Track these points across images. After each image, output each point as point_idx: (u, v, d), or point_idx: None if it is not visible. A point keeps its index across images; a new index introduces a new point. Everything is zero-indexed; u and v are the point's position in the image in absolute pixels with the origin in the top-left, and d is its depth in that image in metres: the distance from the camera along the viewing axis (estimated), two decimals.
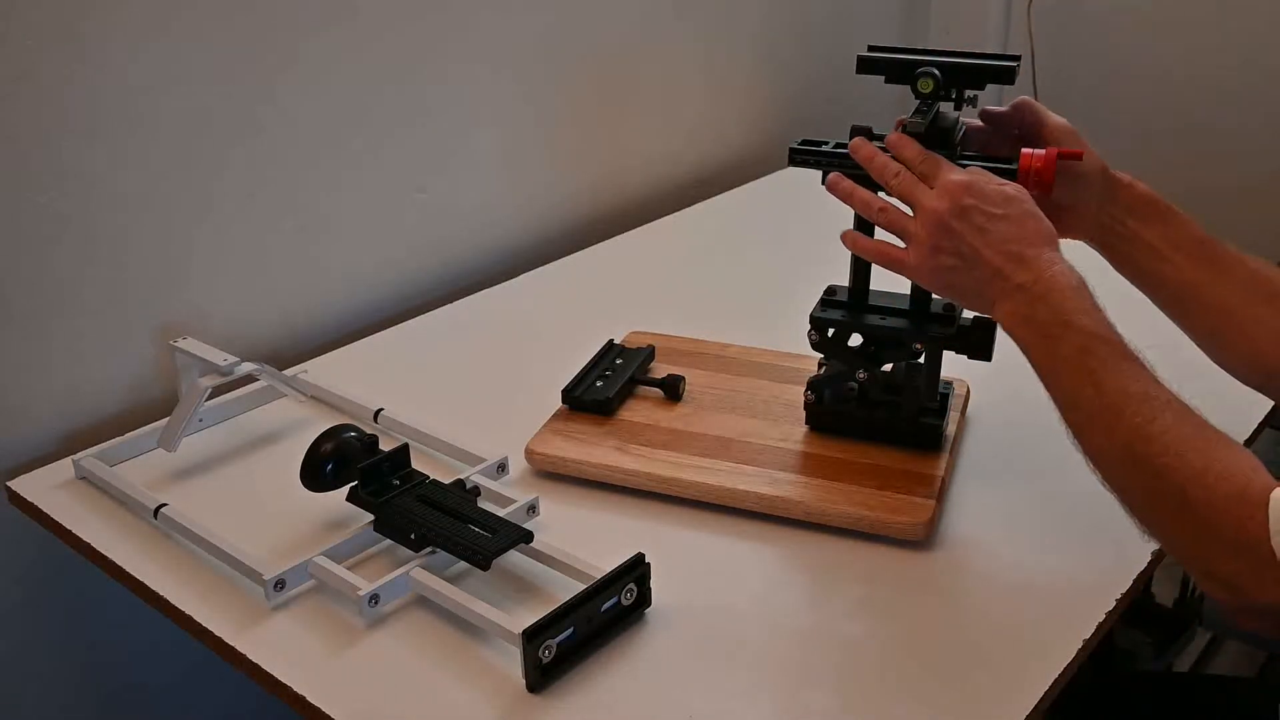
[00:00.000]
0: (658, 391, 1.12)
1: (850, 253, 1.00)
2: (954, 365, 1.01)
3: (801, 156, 0.98)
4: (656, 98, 1.71)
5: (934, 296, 1.00)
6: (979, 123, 0.97)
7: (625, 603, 0.84)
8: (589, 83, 1.59)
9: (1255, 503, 0.66)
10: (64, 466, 1.06)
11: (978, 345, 0.98)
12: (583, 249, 1.56)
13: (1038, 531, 0.95)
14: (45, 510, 1.01)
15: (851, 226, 0.98)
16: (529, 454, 1.03)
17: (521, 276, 1.47)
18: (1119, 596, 0.87)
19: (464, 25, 1.38)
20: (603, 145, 1.65)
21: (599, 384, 1.11)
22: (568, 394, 1.09)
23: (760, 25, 1.87)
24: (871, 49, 0.97)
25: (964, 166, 0.91)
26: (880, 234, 0.92)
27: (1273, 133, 1.99)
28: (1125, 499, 0.76)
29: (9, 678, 1.14)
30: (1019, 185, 0.85)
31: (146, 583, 0.91)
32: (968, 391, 1.11)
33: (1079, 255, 0.88)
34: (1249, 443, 1.08)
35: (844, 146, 0.97)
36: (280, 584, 0.87)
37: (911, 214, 0.87)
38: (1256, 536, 0.64)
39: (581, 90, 1.58)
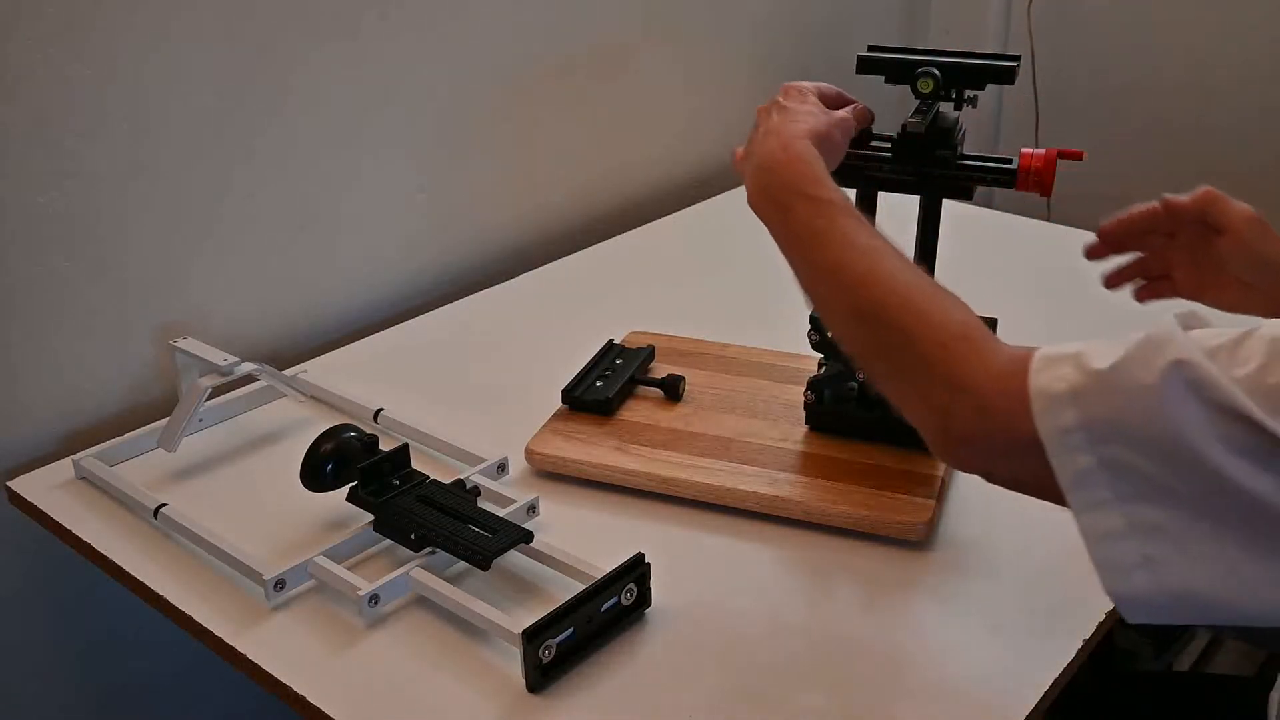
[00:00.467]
0: (658, 391, 1.12)
1: None
2: None
3: None
4: (657, 97, 1.71)
5: None
6: (1155, 206, 0.96)
7: (625, 603, 0.84)
8: (589, 82, 1.59)
9: (977, 340, 0.67)
10: (64, 466, 1.06)
11: None
12: (583, 249, 1.56)
13: (1037, 531, 0.95)
14: (45, 510, 1.01)
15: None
16: (529, 454, 1.03)
17: (521, 276, 1.47)
18: None
19: (464, 23, 1.38)
20: (602, 145, 1.65)
21: (599, 384, 1.11)
22: (568, 394, 1.09)
23: (760, 25, 1.87)
24: (871, 49, 0.97)
25: (956, 170, 0.92)
26: None
27: (1272, 132, 1.99)
28: (854, 349, 0.76)
29: (9, 677, 1.14)
30: (841, 116, 0.89)
31: (146, 583, 0.91)
32: None
33: None
34: None
35: None
36: (280, 584, 0.87)
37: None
38: (974, 370, 0.66)
39: (582, 89, 1.58)
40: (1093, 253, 1.00)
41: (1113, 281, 1.01)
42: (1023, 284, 1.44)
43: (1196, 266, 0.95)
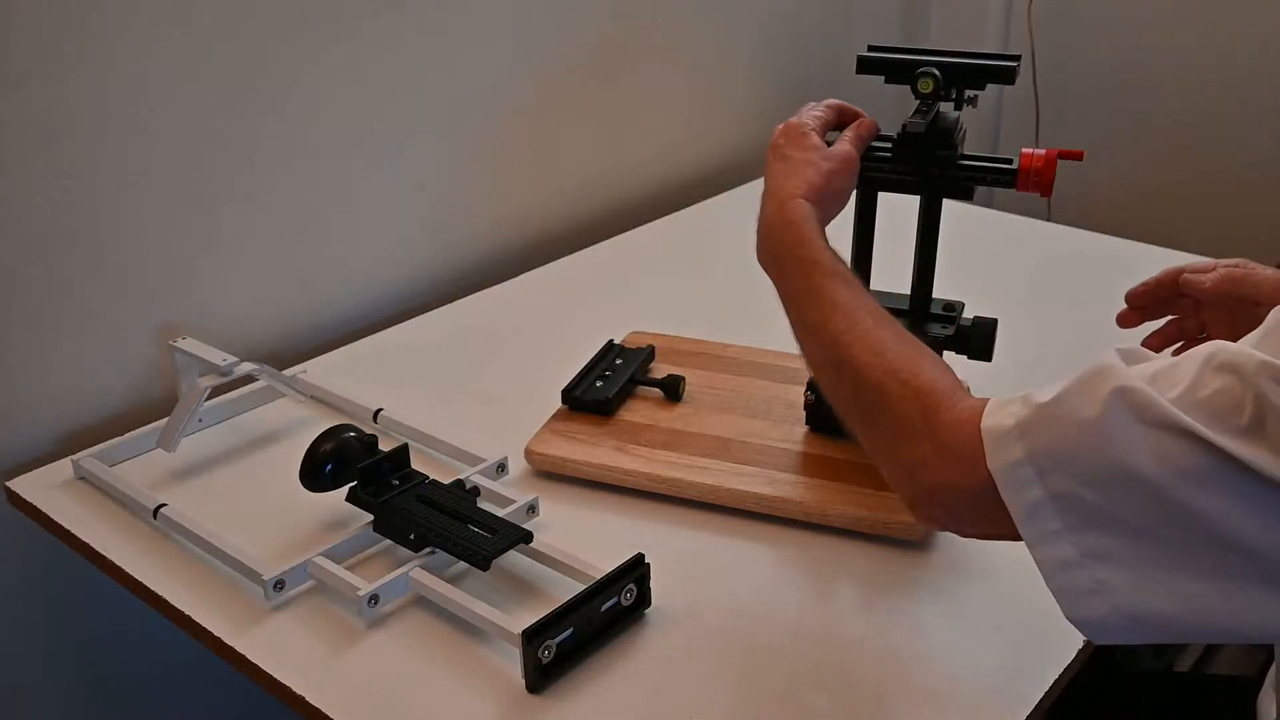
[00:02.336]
0: (658, 391, 1.12)
1: (850, 252, 1.01)
2: (954, 365, 1.01)
3: None
4: (657, 98, 1.71)
5: (934, 296, 1.00)
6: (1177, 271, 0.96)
7: (625, 603, 0.84)
8: (589, 82, 1.59)
9: (942, 393, 0.69)
10: (63, 466, 1.06)
11: (978, 345, 0.98)
12: (583, 249, 1.56)
13: None
14: (45, 510, 1.01)
15: (851, 242, 0.99)
16: (529, 454, 1.03)
17: (521, 276, 1.47)
18: None
19: (464, 24, 1.38)
20: (603, 145, 1.65)
21: (599, 384, 1.11)
22: (568, 394, 1.09)
23: (760, 25, 1.87)
24: (871, 49, 0.97)
25: (956, 170, 0.92)
26: None
27: (1273, 132, 1.99)
28: (836, 404, 0.79)
29: (8, 677, 1.14)
30: (845, 151, 0.90)
31: (146, 583, 0.91)
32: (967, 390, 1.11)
33: None
34: None
35: None
36: (280, 584, 0.87)
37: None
38: (938, 422, 0.67)
39: (582, 90, 1.58)
40: (1125, 320, 1.00)
41: (1153, 345, 0.99)
42: (1023, 284, 1.44)
43: (1234, 327, 0.93)
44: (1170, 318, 0.98)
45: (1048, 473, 0.61)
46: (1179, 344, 0.98)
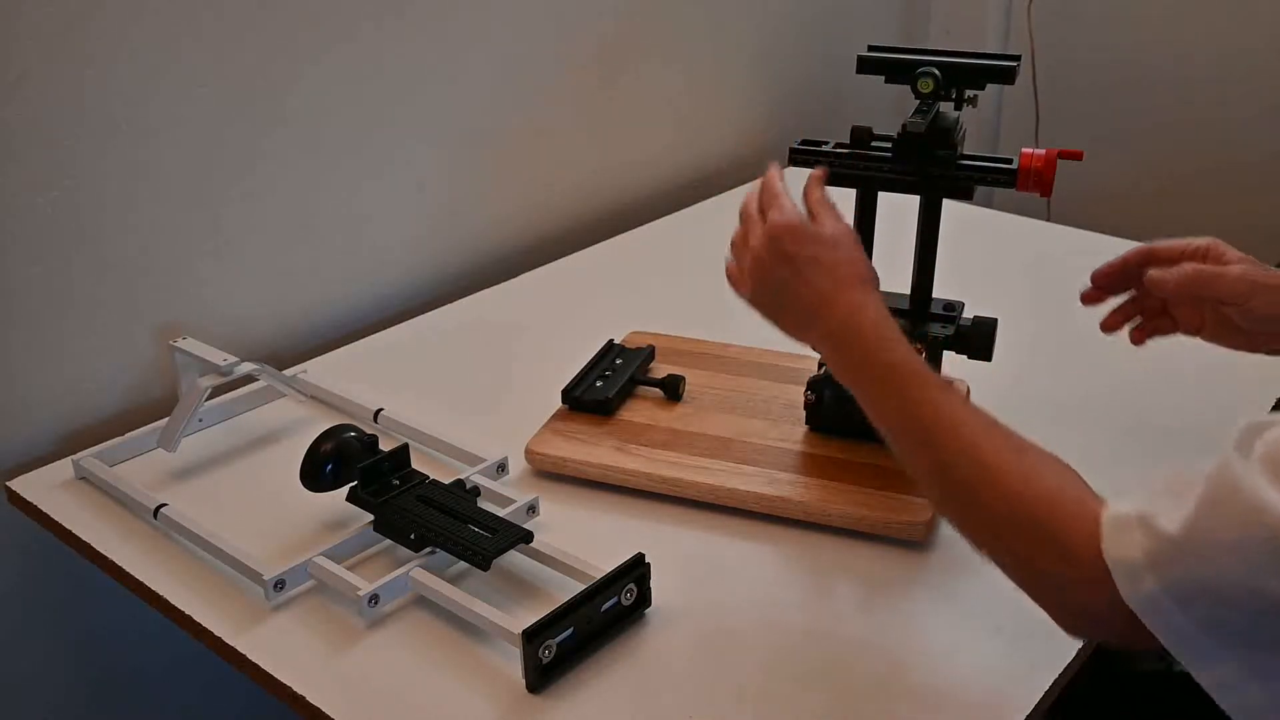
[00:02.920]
0: (658, 391, 1.12)
1: None
2: (954, 365, 1.01)
3: (801, 156, 0.98)
4: (656, 98, 1.71)
5: (934, 296, 1.00)
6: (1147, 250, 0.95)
7: (625, 603, 0.84)
8: (589, 82, 1.59)
9: (1069, 509, 0.66)
10: (64, 466, 1.06)
11: (978, 345, 0.98)
12: (583, 249, 1.56)
13: None
14: (45, 510, 1.01)
15: (852, 224, 0.98)
16: (529, 454, 1.03)
17: (521, 276, 1.47)
18: None
19: (463, 24, 1.38)
20: (603, 145, 1.65)
21: (599, 384, 1.11)
22: (568, 394, 1.09)
23: (760, 25, 1.87)
24: (871, 49, 0.97)
25: (956, 170, 0.91)
26: None
27: (1272, 131, 1.99)
28: (951, 515, 0.75)
29: (8, 677, 1.14)
30: (843, 228, 0.86)
31: (146, 583, 0.91)
32: (968, 391, 1.11)
33: None
34: None
35: (844, 146, 0.97)
36: (280, 584, 0.87)
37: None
38: (1080, 541, 0.65)
39: (581, 90, 1.58)
40: (1089, 299, 0.99)
41: (1110, 324, 1.00)
42: (1023, 284, 1.44)
43: (1196, 306, 0.93)
44: (1131, 294, 0.98)
45: (1191, 602, 0.59)
46: (1139, 321, 0.98)
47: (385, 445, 0.96)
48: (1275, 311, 0.90)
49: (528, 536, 0.88)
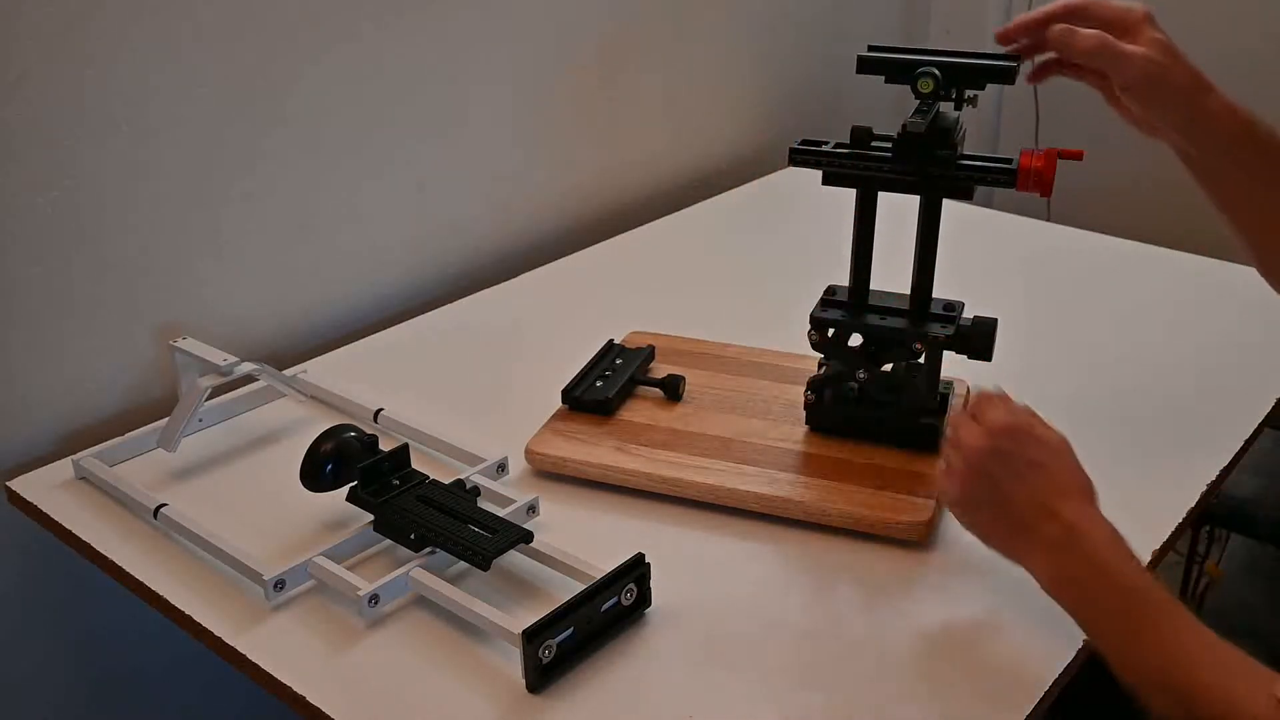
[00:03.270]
0: (658, 391, 1.12)
1: (850, 252, 1.01)
2: (954, 365, 1.01)
3: (801, 156, 0.98)
4: (656, 98, 1.71)
5: (934, 296, 1.00)
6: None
7: (625, 603, 0.84)
8: (589, 82, 1.59)
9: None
10: (64, 466, 1.06)
11: (978, 345, 0.98)
12: (583, 249, 1.56)
13: None
14: (45, 510, 1.01)
15: (851, 242, 0.98)
16: (529, 454, 1.03)
17: (521, 276, 1.47)
18: None
19: (464, 25, 1.38)
20: (603, 145, 1.65)
21: (599, 384, 1.11)
22: (568, 394, 1.09)
23: (760, 25, 1.87)
24: (871, 49, 0.97)
25: (956, 170, 0.91)
26: None
27: None
28: None
29: (8, 676, 1.14)
30: (1061, 435, 0.82)
31: (146, 583, 0.91)
32: (968, 391, 1.11)
33: None
34: (1249, 443, 1.08)
35: (844, 146, 0.97)
36: (280, 584, 0.87)
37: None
38: None
39: (581, 90, 1.58)
40: (1001, 35, 0.96)
41: (1035, 78, 0.97)
42: (1023, 284, 1.44)
43: (1102, 75, 0.92)
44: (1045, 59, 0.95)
45: None
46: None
47: (385, 445, 0.96)
48: (1167, 112, 0.90)
49: (528, 536, 0.88)
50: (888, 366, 1.02)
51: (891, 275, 1.03)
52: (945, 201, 0.97)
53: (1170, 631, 0.72)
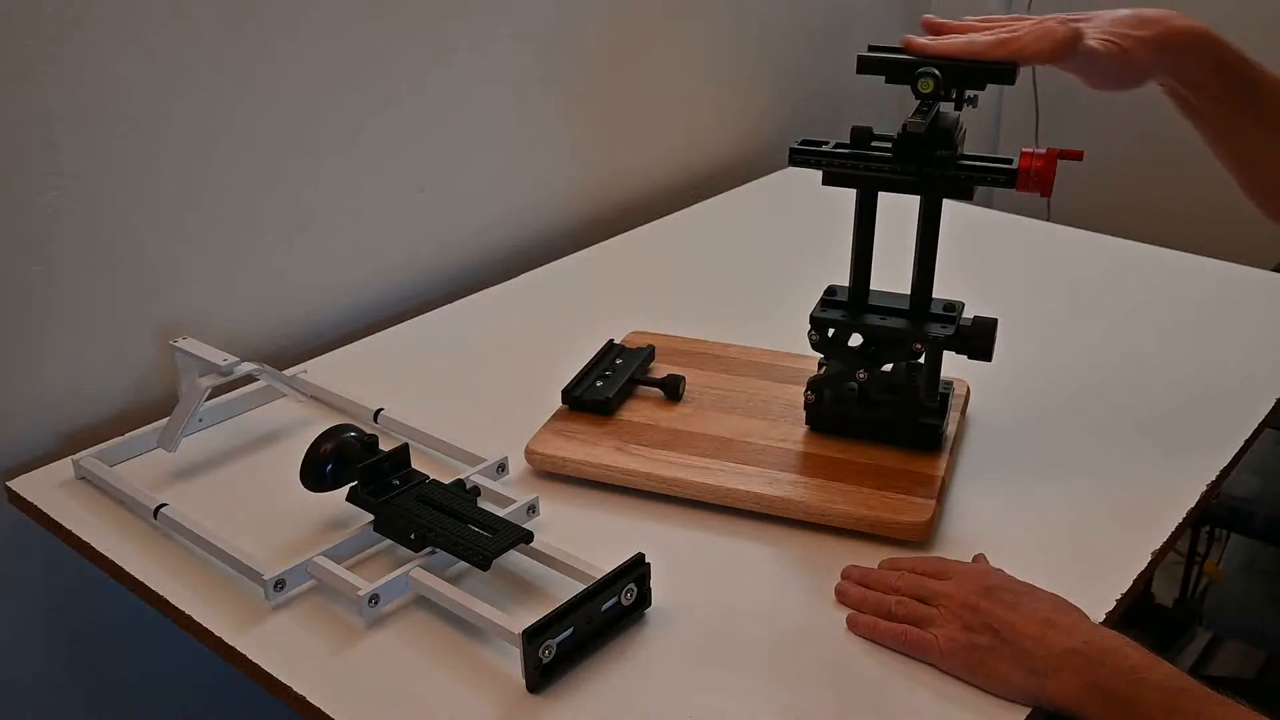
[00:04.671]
0: (658, 391, 1.12)
1: (851, 252, 1.01)
2: (954, 365, 1.01)
3: (802, 156, 0.98)
4: (657, 98, 1.71)
5: (934, 296, 1.00)
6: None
7: (625, 603, 0.84)
8: (589, 82, 1.59)
9: None
10: (64, 466, 1.06)
11: (978, 345, 0.98)
12: (583, 249, 1.56)
13: (1037, 531, 0.95)
14: (45, 510, 1.01)
15: (851, 242, 0.98)
16: (529, 454, 1.03)
17: (521, 276, 1.47)
18: (1119, 597, 0.87)
19: (464, 26, 1.38)
20: (603, 145, 1.65)
21: (599, 384, 1.11)
22: (568, 394, 1.09)
23: (761, 25, 1.87)
24: (871, 49, 0.96)
25: (956, 170, 0.91)
26: None
27: None
28: None
29: (7, 675, 1.14)
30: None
31: (146, 583, 0.91)
32: (968, 391, 1.11)
33: None
34: (1249, 443, 1.08)
35: (844, 146, 0.97)
36: (280, 584, 0.87)
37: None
38: None
39: (581, 90, 1.58)
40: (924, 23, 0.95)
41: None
42: (1023, 284, 1.44)
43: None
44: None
45: None
46: None
47: (385, 445, 0.96)
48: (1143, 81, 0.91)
49: (528, 536, 0.88)
50: (888, 366, 1.02)
51: (891, 275, 1.03)
52: (945, 201, 0.97)
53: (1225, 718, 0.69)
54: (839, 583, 0.88)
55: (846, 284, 1.02)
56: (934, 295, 1.00)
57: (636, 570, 0.84)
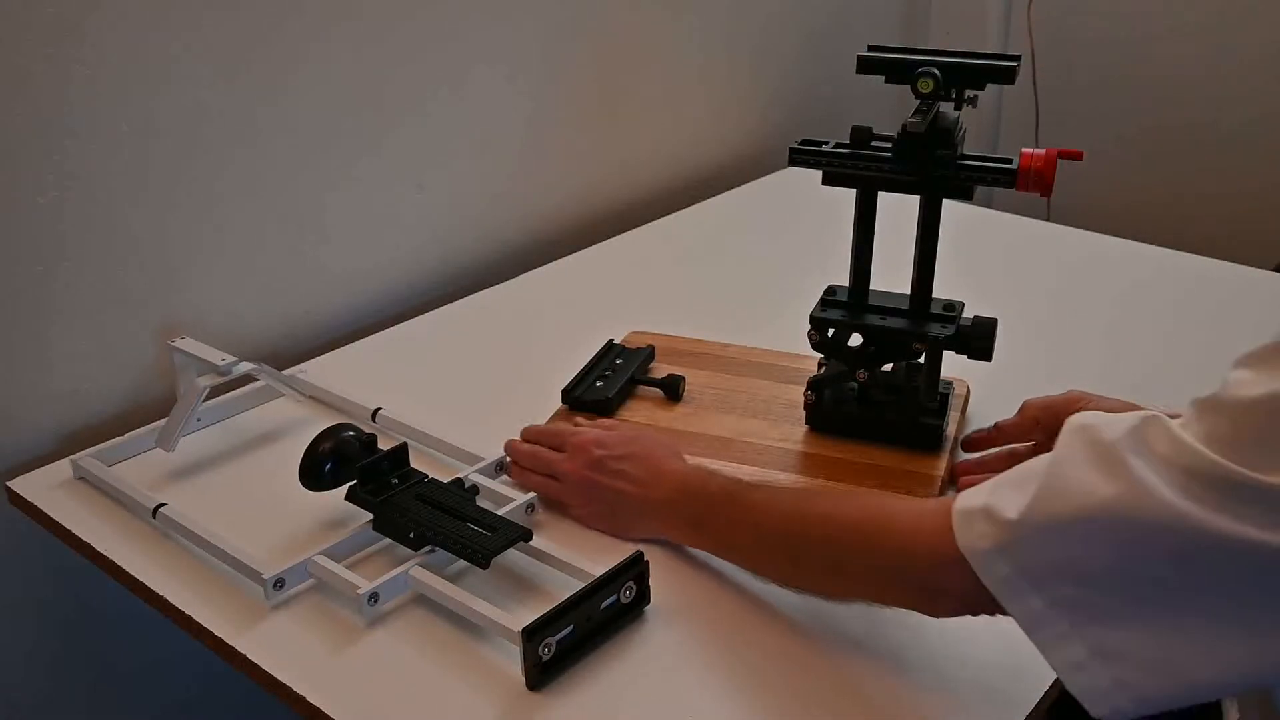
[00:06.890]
0: (658, 391, 1.12)
1: (850, 252, 1.01)
2: (954, 365, 1.01)
3: (801, 156, 0.98)
4: (657, 98, 1.71)
5: (934, 296, 1.01)
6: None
7: (624, 601, 0.84)
8: (589, 83, 1.59)
9: (931, 518, 0.70)
10: (63, 467, 1.05)
11: (978, 345, 0.98)
12: (583, 249, 1.56)
13: None
14: (45, 510, 1.01)
15: (851, 242, 0.98)
16: None
17: (521, 276, 1.47)
18: None
19: (464, 25, 1.38)
20: (603, 145, 1.65)
21: (599, 384, 1.11)
22: (568, 394, 1.09)
23: (761, 26, 1.87)
24: (871, 49, 0.97)
25: (956, 170, 0.91)
26: None
27: (1273, 133, 1.99)
28: (835, 579, 0.80)
29: (6, 675, 1.14)
30: (634, 425, 1.02)
31: (146, 582, 0.91)
32: (968, 391, 1.11)
33: None
34: None
35: (844, 146, 0.97)
36: (279, 583, 0.87)
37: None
38: (939, 539, 0.68)
39: (582, 90, 1.58)
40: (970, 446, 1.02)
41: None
42: (1023, 284, 1.44)
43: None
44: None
45: (1042, 582, 0.63)
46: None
47: (384, 444, 0.96)
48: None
49: (527, 535, 0.88)
50: (888, 366, 1.02)
51: (891, 275, 1.03)
52: (945, 201, 0.97)
53: (781, 496, 0.85)
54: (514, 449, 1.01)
55: (846, 284, 1.02)
56: (934, 295, 1.00)
57: (635, 568, 0.84)
